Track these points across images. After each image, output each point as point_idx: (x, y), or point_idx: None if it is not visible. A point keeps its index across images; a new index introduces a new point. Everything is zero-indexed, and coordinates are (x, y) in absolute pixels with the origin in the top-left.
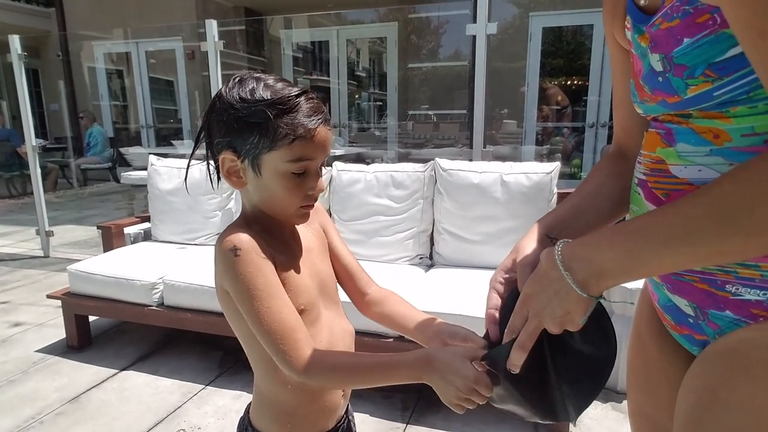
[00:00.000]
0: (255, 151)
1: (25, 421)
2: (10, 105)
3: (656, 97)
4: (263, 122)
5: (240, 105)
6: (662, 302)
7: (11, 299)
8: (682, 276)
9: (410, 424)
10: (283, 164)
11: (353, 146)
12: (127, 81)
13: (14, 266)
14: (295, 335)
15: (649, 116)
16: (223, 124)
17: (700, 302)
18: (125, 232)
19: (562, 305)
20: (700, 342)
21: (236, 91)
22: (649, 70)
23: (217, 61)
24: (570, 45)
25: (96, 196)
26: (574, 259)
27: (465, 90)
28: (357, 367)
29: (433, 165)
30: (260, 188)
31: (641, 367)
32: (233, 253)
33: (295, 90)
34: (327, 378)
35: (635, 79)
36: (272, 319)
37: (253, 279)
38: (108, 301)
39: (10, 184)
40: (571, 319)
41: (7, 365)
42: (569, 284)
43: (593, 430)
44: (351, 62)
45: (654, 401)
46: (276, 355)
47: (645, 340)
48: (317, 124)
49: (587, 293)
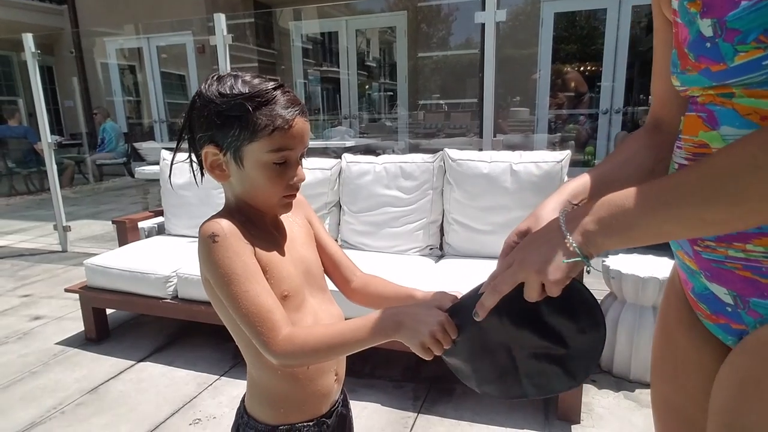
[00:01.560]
0: (236, 144)
1: (47, 411)
2: (26, 102)
3: (700, 65)
4: (243, 115)
5: (220, 100)
6: (698, 290)
7: (32, 293)
8: (723, 263)
9: (421, 413)
10: (264, 155)
11: (363, 137)
12: (140, 76)
13: (34, 261)
14: (272, 317)
15: (685, 91)
16: (204, 119)
17: (741, 290)
18: (140, 226)
19: (546, 252)
20: (736, 331)
21: (215, 88)
22: (696, 36)
23: (226, 55)
24: (583, 30)
25: (111, 191)
26: (575, 216)
27: (476, 78)
28: (332, 338)
29: (442, 155)
30: (243, 180)
31: (669, 358)
32: (211, 240)
33: (271, 84)
34: (305, 355)
35: (678, 47)
36: (250, 302)
37: (231, 264)
38: (124, 294)
39: (28, 181)
40: (549, 270)
41: (29, 357)
42: (563, 233)
43: (605, 419)
44: (361, 53)
45: (683, 392)
46: (254, 337)
47: (673, 330)
48: (294, 115)
49: (577, 245)
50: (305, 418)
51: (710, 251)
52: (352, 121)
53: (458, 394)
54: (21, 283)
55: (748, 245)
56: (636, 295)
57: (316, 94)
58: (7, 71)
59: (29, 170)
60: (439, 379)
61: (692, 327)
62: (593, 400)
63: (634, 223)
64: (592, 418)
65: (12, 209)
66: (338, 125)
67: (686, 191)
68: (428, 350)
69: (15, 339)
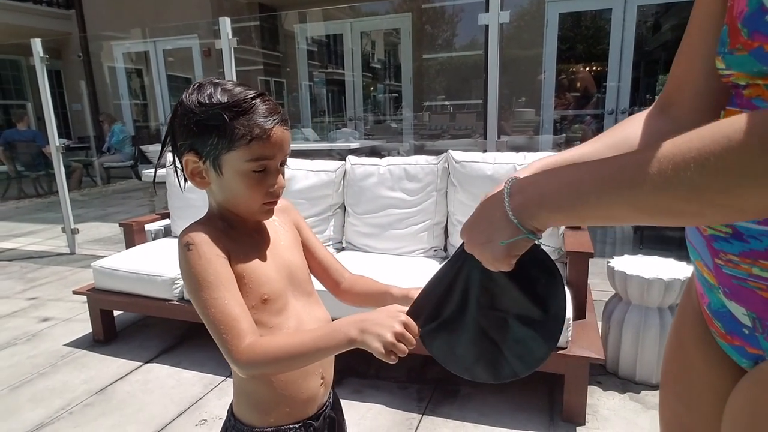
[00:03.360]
0: (215, 152)
1: (56, 412)
2: (34, 106)
3: (753, 42)
4: (221, 124)
5: (198, 109)
6: (714, 307)
7: (40, 295)
8: (745, 281)
9: (426, 414)
10: (243, 163)
11: (368, 139)
12: (146, 79)
13: (42, 263)
14: (237, 325)
15: (729, 77)
16: (184, 128)
17: (762, 313)
18: (146, 228)
19: (488, 231)
20: (752, 356)
21: (195, 97)
22: (756, 8)
23: (231, 58)
24: (589, 30)
25: (119, 193)
26: (521, 185)
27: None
28: (295, 347)
29: (446, 157)
30: (223, 187)
31: (682, 376)
32: (186, 248)
33: (251, 93)
34: (267, 364)
35: (731, 23)
36: (218, 309)
37: (203, 271)
38: (131, 296)
39: (36, 184)
40: (492, 247)
41: (38, 359)
42: (505, 209)
43: (610, 421)
44: (366, 54)
45: (695, 413)
46: (219, 343)
47: (688, 346)
48: (273, 125)
49: (518, 220)
50: (290, 421)
51: (732, 266)
52: (357, 123)
53: (463, 395)
54: (30, 285)
55: None
56: (641, 296)
57: (321, 96)
58: (16, 75)
59: (38, 173)
60: (444, 380)
61: (707, 344)
62: (598, 402)
63: (582, 201)
64: (597, 419)
65: (21, 212)
66: (343, 127)
67: (640, 174)
68: (391, 353)
69: (24, 340)
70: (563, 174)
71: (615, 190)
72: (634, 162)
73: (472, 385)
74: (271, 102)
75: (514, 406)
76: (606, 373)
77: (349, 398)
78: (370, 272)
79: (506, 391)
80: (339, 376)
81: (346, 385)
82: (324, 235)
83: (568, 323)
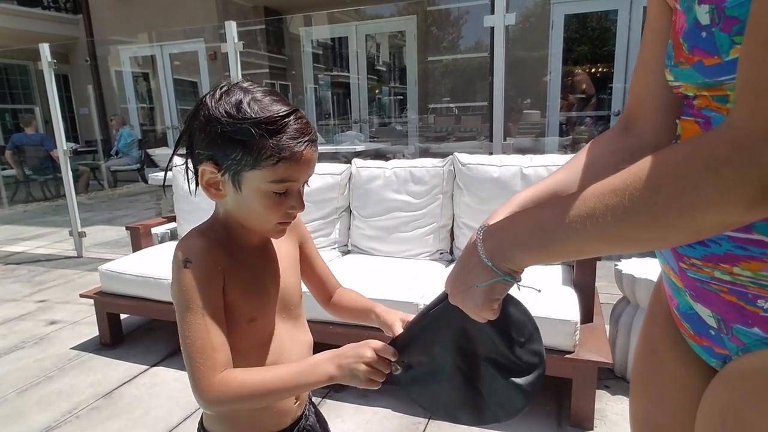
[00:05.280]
0: (237, 168)
1: (62, 416)
2: (42, 110)
3: (693, 57)
4: (248, 140)
5: (226, 120)
6: (682, 309)
7: (48, 298)
8: (708, 284)
9: (432, 419)
10: (265, 184)
11: (373, 142)
12: (153, 83)
13: (50, 266)
14: (215, 355)
15: (678, 88)
16: (206, 135)
17: (725, 315)
18: (153, 232)
19: (466, 278)
20: (720, 356)
21: (223, 104)
22: (692, 25)
23: (237, 62)
24: (594, 32)
25: (126, 197)
26: (492, 230)
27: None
28: (273, 384)
29: (452, 160)
30: (239, 202)
31: (652, 375)
32: (183, 264)
33: (284, 109)
34: (239, 400)
35: (674, 38)
36: (199, 335)
37: (195, 293)
38: (137, 300)
39: (44, 187)
40: (472, 294)
41: (45, 362)
42: (479, 255)
43: (619, 426)
44: (371, 57)
45: (667, 411)
46: (191, 370)
47: (658, 346)
48: (303, 147)
49: (492, 263)
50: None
51: (696, 270)
52: (363, 126)
53: None
54: (37, 288)
55: (735, 268)
56: (649, 299)
57: (327, 99)
58: (24, 80)
59: (45, 177)
60: None
61: (678, 345)
62: (606, 407)
63: (551, 239)
64: (606, 424)
65: (29, 215)
66: (348, 130)
67: (600, 207)
68: (372, 381)
69: (32, 344)
70: (531, 215)
71: (580, 225)
72: (595, 197)
73: None
74: (304, 120)
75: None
76: (614, 377)
77: (355, 402)
78: (377, 275)
79: None
80: None
81: (352, 389)
82: (329, 238)
83: (575, 327)
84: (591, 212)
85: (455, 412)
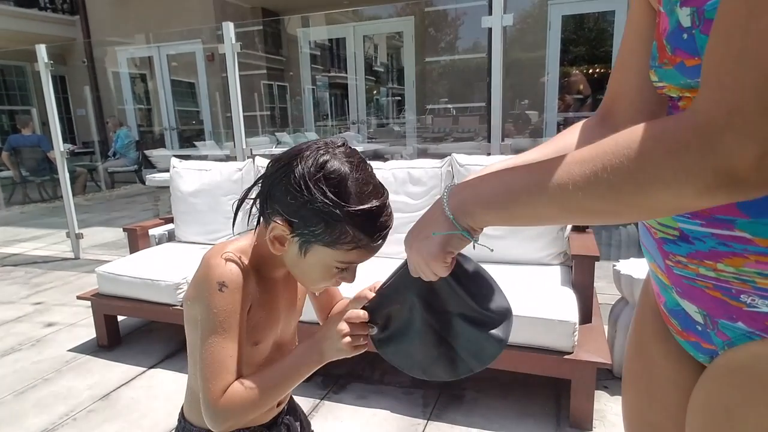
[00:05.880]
0: (311, 239)
1: (59, 418)
2: (39, 111)
3: (676, 58)
4: (333, 222)
5: (321, 200)
6: (669, 305)
7: (45, 300)
8: (694, 281)
9: (431, 420)
10: (332, 261)
11: (371, 143)
12: (150, 84)
13: (47, 268)
14: (227, 377)
15: (662, 88)
16: (293, 199)
17: (711, 310)
18: (150, 233)
19: (427, 228)
20: (707, 351)
21: (321, 180)
22: (675, 27)
23: (234, 63)
24: (591, 32)
25: (123, 198)
26: (458, 190)
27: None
28: (266, 388)
29: (450, 160)
30: (297, 263)
31: (644, 372)
32: (218, 287)
33: (377, 201)
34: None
35: (658, 39)
36: (218, 358)
37: (223, 318)
38: (135, 302)
39: (41, 189)
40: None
41: (42, 364)
42: (443, 208)
43: (617, 427)
44: (368, 58)
45: (659, 407)
46: (203, 387)
47: (648, 344)
48: (380, 240)
49: (453, 217)
50: (243, 426)
51: (681, 267)
52: (361, 126)
53: (468, 400)
54: (34, 290)
55: (719, 264)
56: (638, 298)
57: (324, 100)
58: (21, 81)
59: (42, 178)
60: (449, 385)
61: (667, 342)
62: (605, 407)
63: (513, 201)
64: (605, 425)
65: (26, 217)
66: (346, 131)
67: (565, 176)
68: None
69: (29, 346)
70: (498, 176)
71: (544, 190)
72: (561, 165)
73: (478, 389)
74: (389, 211)
75: (521, 411)
76: (613, 378)
77: (354, 404)
78: (374, 277)
79: (512, 396)
80: (343, 381)
81: (351, 390)
82: None
83: (574, 327)
84: (556, 179)
85: (429, 368)
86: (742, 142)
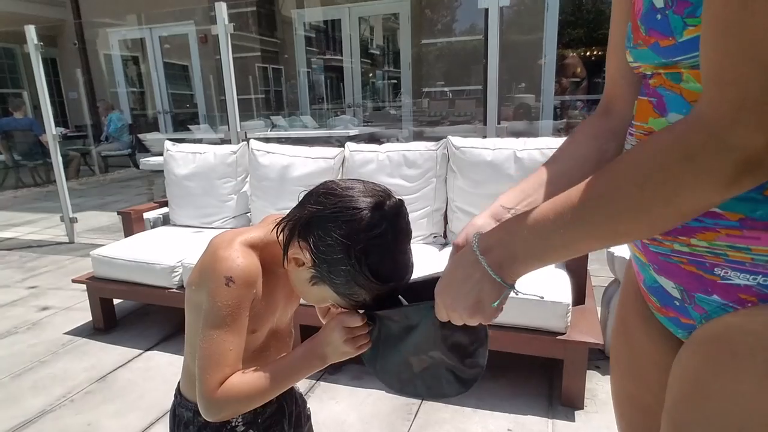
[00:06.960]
0: (326, 279)
1: (57, 400)
2: (30, 95)
3: (650, 38)
4: (354, 285)
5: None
6: (648, 283)
7: (40, 284)
8: (669, 257)
9: (425, 400)
10: (334, 300)
11: (367, 126)
12: (143, 67)
13: (41, 252)
14: (226, 370)
15: (638, 68)
16: (329, 249)
17: (687, 285)
18: (145, 217)
19: (475, 293)
20: (686, 326)
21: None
22: (648, 7)
23: (228, 45)
24: (590, 14)
25: (117, 182)
26: (489, 243)
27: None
28: (263, 386)
29: (446, 143)
30: (301, 282)
31: (626, 351)
32: (225, 281)
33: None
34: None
35: (633, 20)
36: (218, 350)
37: (227, 312)
38: (130, 285)
39: (34, 173)
40: (482, 307)
41: (38, 347)
42: (484, 268)
43: (608, 405)
44: (364, 40)
45: (642, 385)
46: (200, 376)
47: (630, 323)
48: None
49: (501, 278)
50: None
51: (657, 244)
52: (356, 110)
53: None
54: (29, 274)
55: (692, 239)
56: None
57: (320, 83)
58: (11, 63)
59: (35, 162)
60: None
61: (648, 320)
62: (597, 386)
63: (550, 247)
64: (596, 403)
65: (19, 201)
66: (342, 114)
67: (591, 209)
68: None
69: (24, 329)
70: (524, 226)
71: (574, 228)
72: (582, 198)
73: None
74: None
75: (513, 390)
76: (605, 358)
77: (350, 384)
78: None
79: (505, 376)
80: (339, 362)
81: (346, 371)
82: None
83: (567, 309)
84: (580, 215)
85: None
86: (753, 134)
